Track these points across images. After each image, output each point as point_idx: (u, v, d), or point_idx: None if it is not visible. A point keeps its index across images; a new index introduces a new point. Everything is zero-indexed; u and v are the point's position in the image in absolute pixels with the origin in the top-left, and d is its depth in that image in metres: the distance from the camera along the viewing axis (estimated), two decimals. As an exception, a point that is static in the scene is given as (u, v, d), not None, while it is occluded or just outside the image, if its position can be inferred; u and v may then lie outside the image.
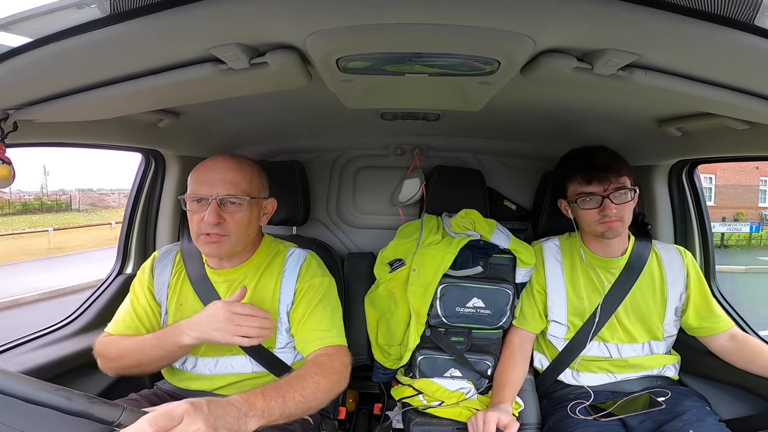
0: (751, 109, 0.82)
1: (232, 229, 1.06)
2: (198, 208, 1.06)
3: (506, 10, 0.57)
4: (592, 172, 1.23)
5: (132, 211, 1.62)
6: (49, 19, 0.60)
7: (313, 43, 0.66)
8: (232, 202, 1.06)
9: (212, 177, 1.06)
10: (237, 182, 1.07)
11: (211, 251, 1.08)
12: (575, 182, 1.26)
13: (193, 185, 1.07)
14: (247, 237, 1.11)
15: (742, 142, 1.11)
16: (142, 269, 1.21)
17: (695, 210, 1.55)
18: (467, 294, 1.34)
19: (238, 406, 0.75)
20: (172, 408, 0.65)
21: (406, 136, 1.73)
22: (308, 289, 1.14)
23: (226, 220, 1.05)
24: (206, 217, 1.03)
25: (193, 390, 1.16)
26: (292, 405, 0.85)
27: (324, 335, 1.08)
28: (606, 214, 1.21)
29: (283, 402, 0.84)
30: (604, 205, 1.22)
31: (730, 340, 1.25)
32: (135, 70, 0.76)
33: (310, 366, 1.00)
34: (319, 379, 0.95)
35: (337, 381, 0.99)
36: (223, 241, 1.06)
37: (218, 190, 1.04)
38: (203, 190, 1.05)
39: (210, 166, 1.08)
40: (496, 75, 0.78)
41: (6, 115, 0.90)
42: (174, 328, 1.04)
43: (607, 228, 1.23)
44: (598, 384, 1.30)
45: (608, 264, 1.31)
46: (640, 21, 0.57)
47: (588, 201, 1.24)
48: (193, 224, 1.07)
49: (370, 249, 1.73)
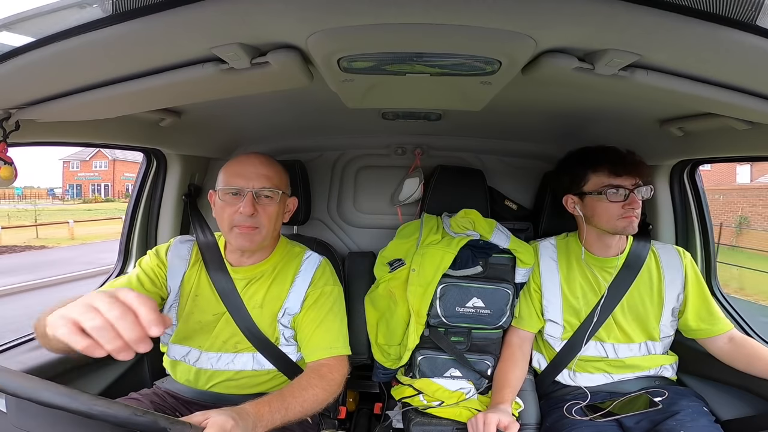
0: (753, 109, 0.81)
1: (264, 222, 1.10)
2: (233, 200, 1.09)
3: (507, 10, 0.57)
4: (623, 165, 1.23)
5: (133, 210, 1.62)
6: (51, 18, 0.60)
7: (315, 42, 0.66)
8: (266, 195, 1.10)
9: (248, 170, 1.10)
10: (270, 176, 1.11)
11: (243, 243, 1.11)
12: (601, 174, 1.25)
13: (228, 178, 1.10)
14: (273, 232, 1.15)
15: (744, 142, 1.11)
16: (155, 252, 1.21)
17: (696, 210, 1.55)
18: (467, 294, 1.34)
19: (252, 417, 0.83)
20: (222, 422, 0.73)
21: (408, 136, 1.73)
22: (320, 296, 1.17)
23: (259, 213, 1.09)
24: (242, 209, 1.07)
25: (191, 387, 1.17)
26: (291, 415, 0.93)
27: (332, 345, 1.12)
28: (632, 208, 1.22)
29: (285, 413, 0.92)
30: (630, 199, 1.22)
31: (728, 342, 1.24)
32: (136, 69, 0.76)
33: (312, 377, 1.05)
34: (319, 391, 1.02)
35: (334, 392, 1.06)
36: (255, 233, 1.10)
37: (254, 183, 1.09)
38: (239, 183, 1.09)
39: (244, 161, 1.12)
40: (498, 75, 0.78)
41: (8, 114, 0.90)
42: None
43: (628, 223, 1.23)
44: (596, 384, 1.30)
45: (606, 264, 1.31)
46: (642, 21, 0.57)
47: (615, 193, 1.23)
48: (226, 216, 1.10)
49: (371, 248, 1.74)
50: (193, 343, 1.16)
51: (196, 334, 1.16)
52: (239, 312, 1.14)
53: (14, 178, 0.92)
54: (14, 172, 0.92)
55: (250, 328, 1.14)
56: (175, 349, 1.18)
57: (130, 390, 1.17)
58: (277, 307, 1.16)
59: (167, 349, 1.20)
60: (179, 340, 1.17)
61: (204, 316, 1.15)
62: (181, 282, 1.18)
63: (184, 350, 1.17)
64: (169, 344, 1.19)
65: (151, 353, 1.42)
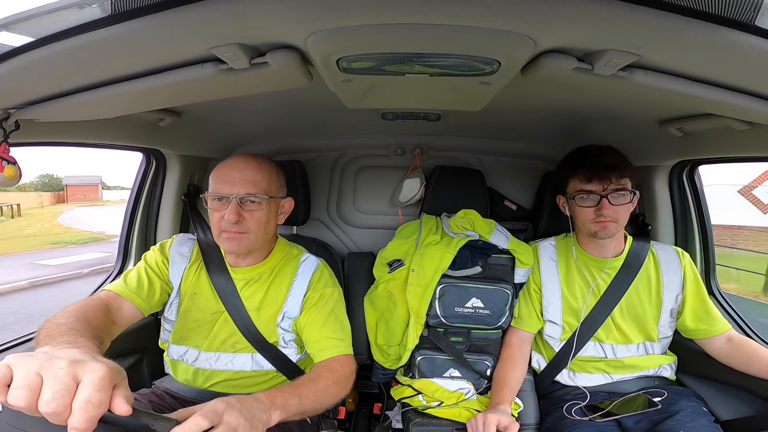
0: (752, 110, 0.82)
1: (251, 227, 1.09)
2: (219, 206, 1.08)
3: (506, 11, 0.57)
4: (593, 170, 1.23)
5: (133, 210, 1.62)
6: (51, 18, 0.60)
7: (314, 43, 0.66)
8: (251, 201, 1.08)
9: (233, 176, 1.08)
10: (256, 181, 1.09)
11: (231, 248, 1.11)
12: (576, 179, 1.26)
13: (215, 184, 1.09)
14: (265, 235, 1.14)
15: (743, 142, 1.11)
16: (160, 247, 1.22)
17: (696, 211, 1.55)
18: (466, 294, 1.34)
19: (262, 401, 0.81)
20: (214, 405, 0.70)
21: (407, 136, 1.73)
22: (320, 298, 1.17)
23: (245, 218, 1.08)
24: (227, 216, 1.06)
25: (190, 386, 1.18)
26: (307, 403, 0.91)
27: (339, 344, 1.12)
28: (601, 214, 1.22)
29: (299, 400, 0.90)
30: (601, 205, 1.22)
31: (727, 343, 1.24)
32: (136, 69, 0.76)
33: (323, 370, 1.05)
34: (330, 384, 1.00)
35: (344, 387, 1.05)
36: (243, 238, 1.09)
37: (238, 189, 1.07)
38: (224, 189, 1.07)
39: (231, 165, 1.10)
40: (497, 75, 0.78)
41: (7, 114, 0.90)
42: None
43: (601, 228, 1.23)
44: (595, 384, 1.30)
45: (604, 264, 1.31)
46: (641, 21, 0.57)
47: (586, 199, 1.24)
48: (215, 222, 1.10)
49: (371, 249, 1.74)
50: (190, 343, 1.16)
51: (194, 333, 1.16)
52: (238, 312, 1.14)
53: (18, 177, 0.93)
54: (18, 171, 0.92)
55: (248, 328, 1.14)
56: (174, 348, 1.18)
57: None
58: (275, 311, 1.16)
59: (167, 347, 1.20)
60: (177, 339, 1.17)
61: (202, 315, 1.15)
62: (181, 280, 1.18)
63: (181, 350, 1.17)
64: (169, 343, 1.19)
65: (150, 353, 1.45)
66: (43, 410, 0.53)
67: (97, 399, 0.54)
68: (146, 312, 1.10)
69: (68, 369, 0.55)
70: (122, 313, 1.04)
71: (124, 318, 1.05)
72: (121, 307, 1.05)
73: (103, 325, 0.91)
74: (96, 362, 0.57)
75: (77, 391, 0.54)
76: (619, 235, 1.31)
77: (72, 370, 0.55)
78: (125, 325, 1.04)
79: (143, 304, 1.09)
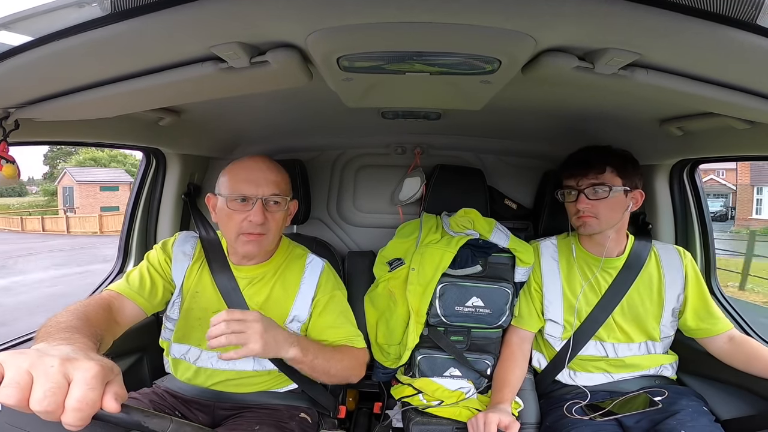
0: (752, 109, 0.81)
1: (272, 228, 1.09)
2: (241, 207, 1.07)
3: (507, 9, 0.57)
4: (574, 164, 1.28)
5: (133, 210, 1.62)
6: (50, 17, 0.60)
7: (314, 41, 0.66)
8: (275, 202, 1.09)
9: (257, 176, 1.07)
10: (278, 182, 1.10)
11: (251, 250, 1.10)
12: (563, 175, 1.32)
13: (235, 185, 1.08)
14: (278, 235, 1.15)
15: (744, 141, 1.11)
16: (163, 245, 1.21)
17: (696, 210, 1.54)
18: (466, 293, 1.34)
19: (287, 332, 0.92)
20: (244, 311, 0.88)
21: (407, 135, 1.72)
22: (329, 300, 1.18)
23: (268, 220, 1.07)
24: (252, 217, 1.05)
25: (192, 385, 1.18)
26: (321, 359, 0.99)
27: (355, 340, 1.17)
28: (578, 209, 1.25)
29: (316, 352, 0.98)
30: (578, 200, 1.25)
31: (728, 342, 1.24)
32: (136, 68, 0.76)
33: (343, 347, 1.12)
34: (345, 356, 1.08)
35: (357, 369, 1.11)
36: (263, 240, 1.09)
37: (263, 190, 1.06)
38: (249, 190, 1.06)
39: (251, 166, 1.09)
40: (497, 74, 0.77)
41: (7, 113, 0.90)
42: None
43: (582, 223, 1.27)
44: (596, 384, 1.30)
45: (606, 264, 1.31)
46: (642, 20, 0.56)
47: (567, 194, 1.30)
48: (234, 224, 1.07)
49: (371, 248, 1.73)
50: (192, 342, 1.16)
51: (195, 331, 1.15)
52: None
53: (17, 176, 0.93)
54: (17, 170, 0.92)
55: None
56: (176, 347, 1.18)
57: (129, 389, 1.15)
58: (283, 313, 1.16)
59: (168, 346, 1.20)
60: (179, 338, 1.17)
61: (204, 314, 1.15)
62: (183, 278, 1.18)
63: (183, 348, 1.17)
64: (171, 342, 1.19)
65: (151, 353, 1.44)
66: (35, 408, 0.53)
67: (89, 397, 0.54)
68: (149, 312, 1.11)
69: (59, 367, 0.55)
70: (124, 313, 1.04)
71: (127, 318, 1.05)
72: (124, 307, 1.05)
73: (105, 323, 0.91)
74: (88, 360, 0.57)
75: (69, 389, 0.54)
76: (619, 233, 1.31)
77: (63, 368, 0.55)
78: (128, 325, 1.04)
79: (145, 304, 1.09)
